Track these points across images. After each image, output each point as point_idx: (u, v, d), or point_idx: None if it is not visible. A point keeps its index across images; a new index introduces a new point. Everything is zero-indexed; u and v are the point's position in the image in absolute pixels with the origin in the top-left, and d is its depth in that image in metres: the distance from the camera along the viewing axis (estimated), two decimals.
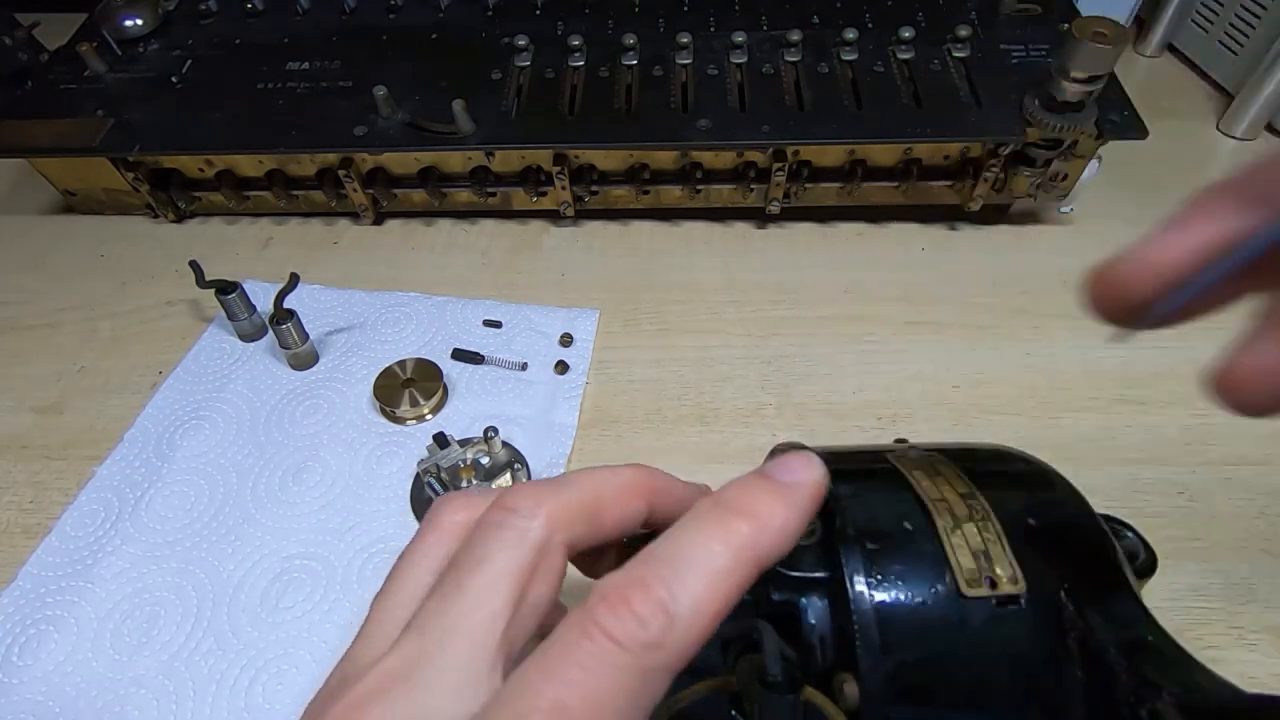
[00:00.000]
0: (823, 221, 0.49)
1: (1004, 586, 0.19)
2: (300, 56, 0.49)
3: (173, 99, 0.47)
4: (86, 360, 0.42)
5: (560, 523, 0.17)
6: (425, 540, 0.18)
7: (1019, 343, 0.41)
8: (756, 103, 0.44)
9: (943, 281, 0.45)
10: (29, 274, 0.47)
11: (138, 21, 0.50)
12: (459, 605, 0.16)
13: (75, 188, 0.49)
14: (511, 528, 0.16)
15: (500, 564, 0.16)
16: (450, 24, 0.51)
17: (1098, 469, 0.36)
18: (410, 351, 0.41)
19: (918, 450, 0.23)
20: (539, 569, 0.16)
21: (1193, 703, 0.16)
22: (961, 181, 0.45)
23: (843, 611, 0.19)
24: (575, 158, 0.45)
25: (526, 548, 0.16)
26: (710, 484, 0.36)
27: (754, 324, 0.43)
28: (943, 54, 0.45)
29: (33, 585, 0.33)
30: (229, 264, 0.47)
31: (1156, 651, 0.18)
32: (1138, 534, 0.23)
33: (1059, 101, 0.39)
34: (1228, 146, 0.53)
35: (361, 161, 0.45)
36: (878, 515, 0.20)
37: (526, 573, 0.16)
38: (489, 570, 0.16)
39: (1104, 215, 0.48)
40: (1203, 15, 0.57)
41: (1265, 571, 0.32)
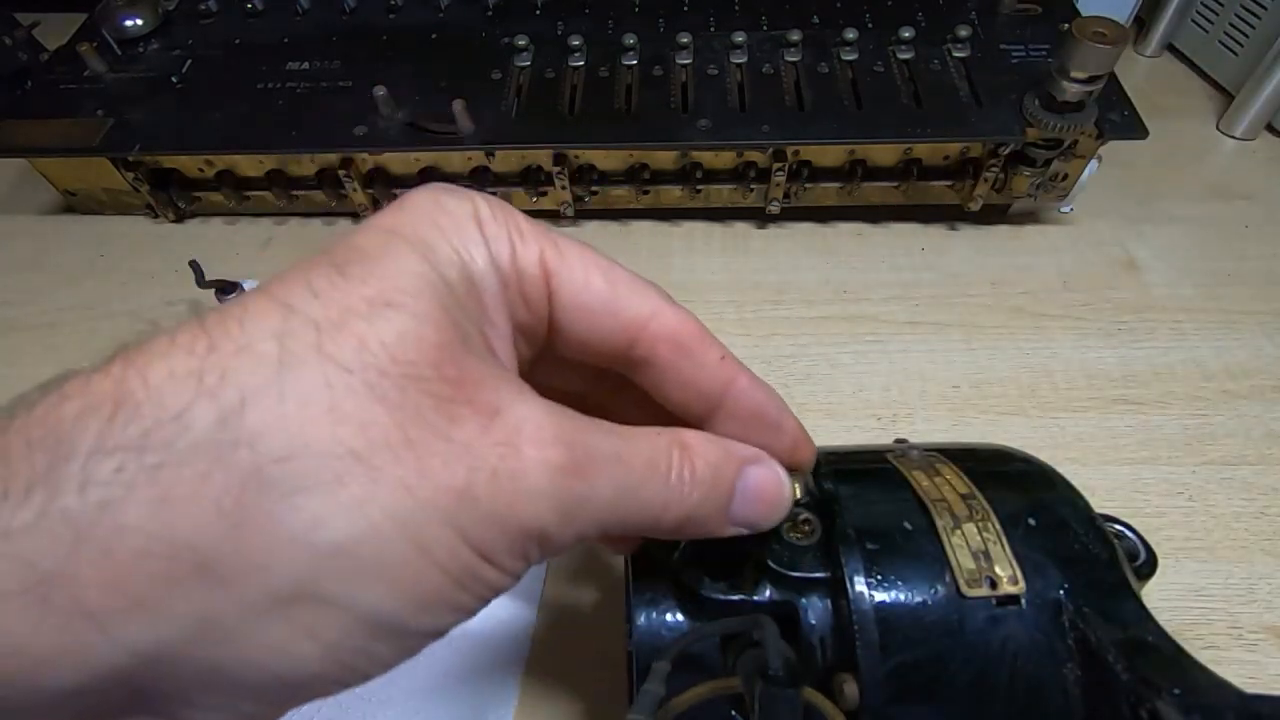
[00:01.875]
0: (823, 221, 0.49)
1: (1004, 586, 0.19)
2: (300, 56, 0.49)
3: (173, 99, 0.47)
4: (86, 360, 0.42)
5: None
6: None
7: (1019, 343, 0.41)
8: (756, 103, 0.44)
9: (942, 281, 0.45)
10: (29, 274, 0.47)
11: (138, 21, 0.50)
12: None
13: (75, 188, 0.49)
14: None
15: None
16: (450, 24, 0.50)
17: (1098, 469, 0.36)
18: None
19: (918, 450, 0.23)
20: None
21: (1193, 703, 0.16)
22: (961, 181, 0.45)
23: (843, 611, 0.19)
24: (575, 158, 0.45)
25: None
26: None
27: (754, 324, 0.43)
28: (943, 54, 0.45)
29: None
30: (229, 264, 0.47)
31: (1156, 651, 0.18)
32: (1138, 534, 0.23)
33: (1059, 101, 0.39)
34: (1228, 146, 0.53)
35: (361, 161, 0.45)
36: (878, 515, 0.20)
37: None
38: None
39: (1104, 215, 0.48)
40: (1203, 15, 0.57)
41: (1265, 571, 0.32)
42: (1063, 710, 0.18)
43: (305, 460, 0.12)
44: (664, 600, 0.21)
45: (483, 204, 0.16)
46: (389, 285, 0.14)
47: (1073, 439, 0.37)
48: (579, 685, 0.30)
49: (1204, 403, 0.38)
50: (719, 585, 0.21)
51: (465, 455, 0.13)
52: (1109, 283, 0.44)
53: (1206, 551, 0.33)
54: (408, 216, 0.16)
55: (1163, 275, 0.45)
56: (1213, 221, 0.48)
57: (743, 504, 0.18)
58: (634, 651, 0.21)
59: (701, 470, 0.17)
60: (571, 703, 0.29)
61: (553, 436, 0.14)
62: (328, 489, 0.12)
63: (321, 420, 0.12)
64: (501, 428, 0.14)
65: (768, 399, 0.19)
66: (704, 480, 0.17)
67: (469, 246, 0.16)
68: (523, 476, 0.14)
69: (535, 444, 0.14)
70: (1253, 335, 0.41)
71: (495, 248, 0.16)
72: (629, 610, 0.22)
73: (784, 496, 0.19)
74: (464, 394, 0.14)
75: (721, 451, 0.18)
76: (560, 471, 0.14)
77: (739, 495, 0.18)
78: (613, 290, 0.18)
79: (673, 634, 0.21)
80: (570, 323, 0.18)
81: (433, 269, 0.15)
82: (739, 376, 0.19)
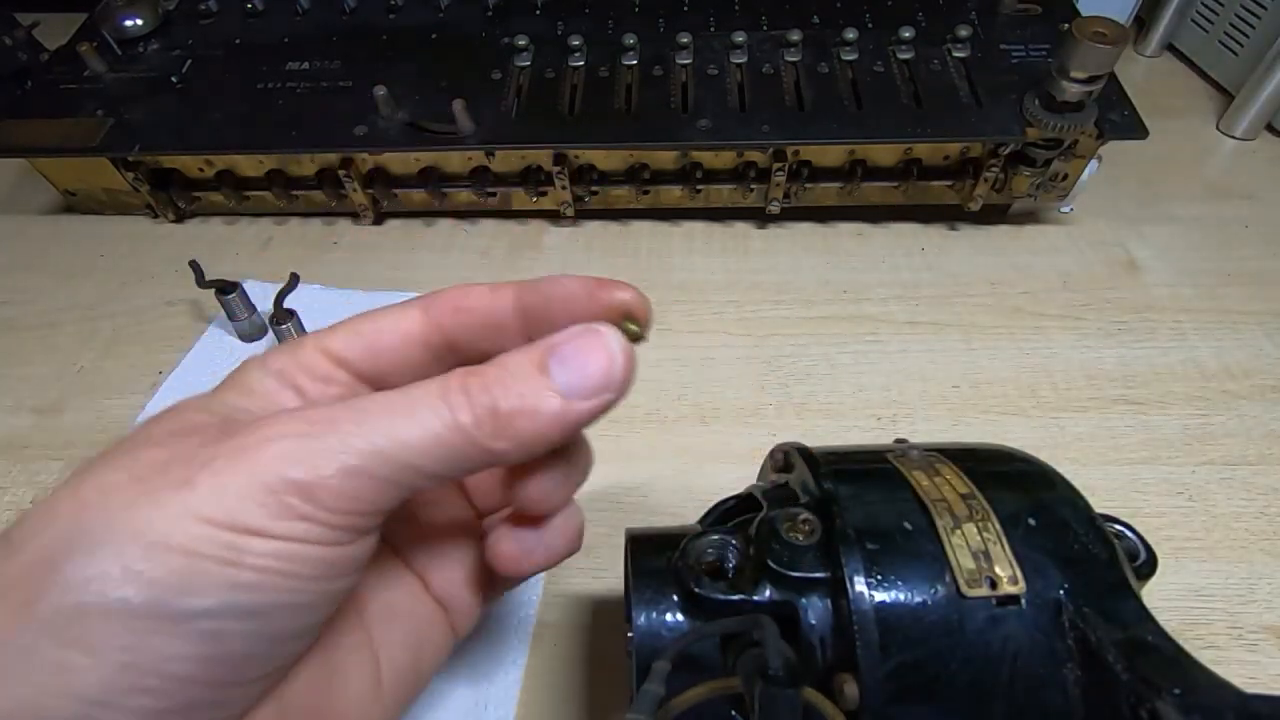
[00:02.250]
0: (823, 221, 0.49)
1: (1004, 586, 0.19)
2: (300, 56, 0.49)
3: (173, 99, 0.47)
4: (86, 360, 0.42)
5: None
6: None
7: (1019, 343, 0.41)
8: (756, 103, 0.44)
9: (942, 281, 0.45)
10: (29, 274, 0.47)
11: (138, 21, 0.50)
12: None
13: (75, 188, 0.49)
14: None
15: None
16: (450, 24, 0.51)
17: (1098, 469, 0.36)
18: None
19: (918, 450, 0.23)
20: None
21: (1193, 703, 0.16)
22: (961, 181, 0.45)
23: (843, 611, 0.19)
24: (575, 158, 0.45)
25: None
26: (708, 485, 0.36)
27: (754, 324, 0.43)
28: (943, 54, 0.45)
29: None
30: (229, 264, 0.47)
31: (1156, 651, 0.18)
32: (1138, 534, 0.23)
33: (1059, 101, 0.39)
34: (1228, 146, 0.53)
35: (361, 161, 0.46)
36: (878, 515, 0.20)
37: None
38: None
39: (1104, 215, 0.48)
40: (1203, 15, 0.57)
41: (1265, 571, 0.32)
42: (1063, 710, 0.18)
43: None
44: (664, 600, 0.21)
45: (271, 360, 0.20)
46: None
47: (1073, 439, 0.37)
48: (579, 685, 0.30)
49: (1204, 403, 0.38)
50: (719, 585, 0.21)
51: (194, 461, 0.16)
52: (1109, 283, 0.44)
53: (1206, 551, 0.33)
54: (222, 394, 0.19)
55: (1163, 275, 0.45)
56: (1213, 221, 0.48)
57: (564, 372, 0.17)
58: (634, 651, 0.21)
59: (493, 374, 0.17)
60: (571, 702, 0.29)
61: (285, 417, 0.16)
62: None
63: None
64: (239, 433, 0.16)
65: (549, 287, 0.20)
66: (498, 379, 0.17)
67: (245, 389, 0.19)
68: (247, 450, 0.16)
69: (264, 425, 0.16)
70: (1253, 335, 0.41)
71: (272, 365, 0.20)
72: (629, 610, 0.22)
73: (605, 340, 0.18)
74: (219, 435, 0.16)
75: (521, 350, 0.18)
76: (288, 435, 0.16)
77: (555, 365, 0.18)
78: (377, 324, 0.21)
79: (673, 634, 0.21)
80: (388, 355, 0.20)
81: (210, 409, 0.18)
82: (509, 291, 0.20)
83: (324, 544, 0.16)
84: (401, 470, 0.16)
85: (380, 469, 0.16)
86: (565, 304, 0.19)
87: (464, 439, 0.17)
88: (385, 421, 0.16)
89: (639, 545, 0.23)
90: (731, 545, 0.22)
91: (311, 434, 0.16)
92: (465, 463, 0.17)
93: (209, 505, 0.15)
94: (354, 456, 0.16)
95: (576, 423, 0.18)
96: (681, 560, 0.21)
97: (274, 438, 0.16)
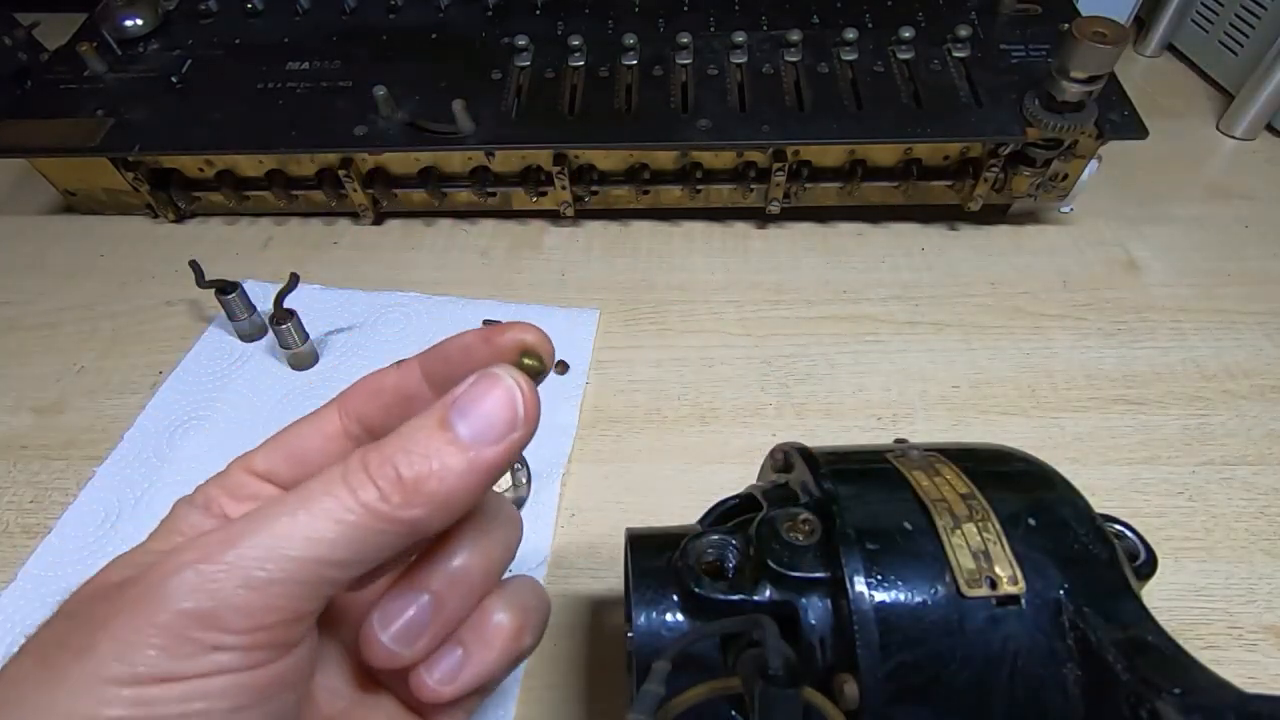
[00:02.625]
0: (823, 221, 0.49)
1: (1004, 586, 0.19)
2: (300, 56, 0.49)
3: (173, 99, 0.47)
4: (86, 360, 0.42)
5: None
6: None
7: (1019, 343, 0.41)
8: (756, 103, 0.44)
9: (942, 281, 0.45)
10: (29, 274, 0.47)
11: (138, 21, 0.50)
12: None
13: (75, 188, 0.49)
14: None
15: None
16: (450, 24, 0.51)
17: (1098, 469, 0.36)
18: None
19: (918, 450, 0.23)
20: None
21: (1193, 703, 0.16)
22: (961, 181, 0.45)
23: (843, 611, 0.19)
24: (575, 158, 0.45)
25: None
26: (708, 485, 0.36)
27: (754, 324, 0.43)
28: (943, 54, 0.45)
29: (33, 585, 0.33)
30: (229, 264, 0.47)
31: (1156, 651, 0.18)
32: (1138, 534, 0.23)
33: (1059, 101, 0.39)
34: (1228, 146, 0.53)
35: (361, 161, 0.46)
36: (878, 515, 0.20)
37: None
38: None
39: (1104, 215, 0.48)
40: (1203, 15, 0.57)
41: (1265, 571, 0.32)
42: (1063, 710, 0.18)
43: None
44: (664, 600, 0.21)
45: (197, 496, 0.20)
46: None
47: (1073, 439, 0.37)
48: (579, 685, 0.30)
49: (1204, 403, 0.38)
50: (719, 585, 0.21)
51: (93, 623, 0.15)
52: (1109, 283, 0.44)
53: (1206, 551, 0.33)
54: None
55: (1163, 275, 0.45)
56: (1213, 221, 0.48)
57: (466, 422, 0.17)
58: (634, 651, 0.21)
59: (393, 443, 0.17)
60: (571, 702, 0.29)
61: (181, 549, 0.15)
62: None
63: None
64: (139, 580, 0.15)
65: (448, 346, 0.20)
66: (398, 446, 0.16)
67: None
68: (143, 595, 0.15)
69: (160, 564, 0.15)
70: (1253, 335, 0.41)
71: (197, 498, 0.20)
72: (629, 610, 0.22)
73: (501, 380, 0.17)
74: (122, 589, 0.16)
75: (420, 415, 0.17)
76: (183, 566, 0.15)
77: (456, 418, 0.17)
78: (296, 430, 0.21)
79: (673, 634, 0.21)
80: (313, 457, 0.20)
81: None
82: (414, 362, 0.21)
83: (246, 668, 0.15)
84: (312, 568, 0.15)
85: (289, 573, 0.15)
86: (465, 358, 0.19)
87: (373, 517, 0.16)
88: (284, 522, 0.15)
89: (639, 545, 0.23)
90: (731, 545, 0.22)
91: (207, 558, 0.15)
92: (381, 542, 0.16)
93: (109, 666, 0.14)
94: (256, 567, 0.15)
95: (489, 470, 0.17)
96: (681, 560, 0.21)
97: (169, 573, 0.15)
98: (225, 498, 0.19)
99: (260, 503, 0.18)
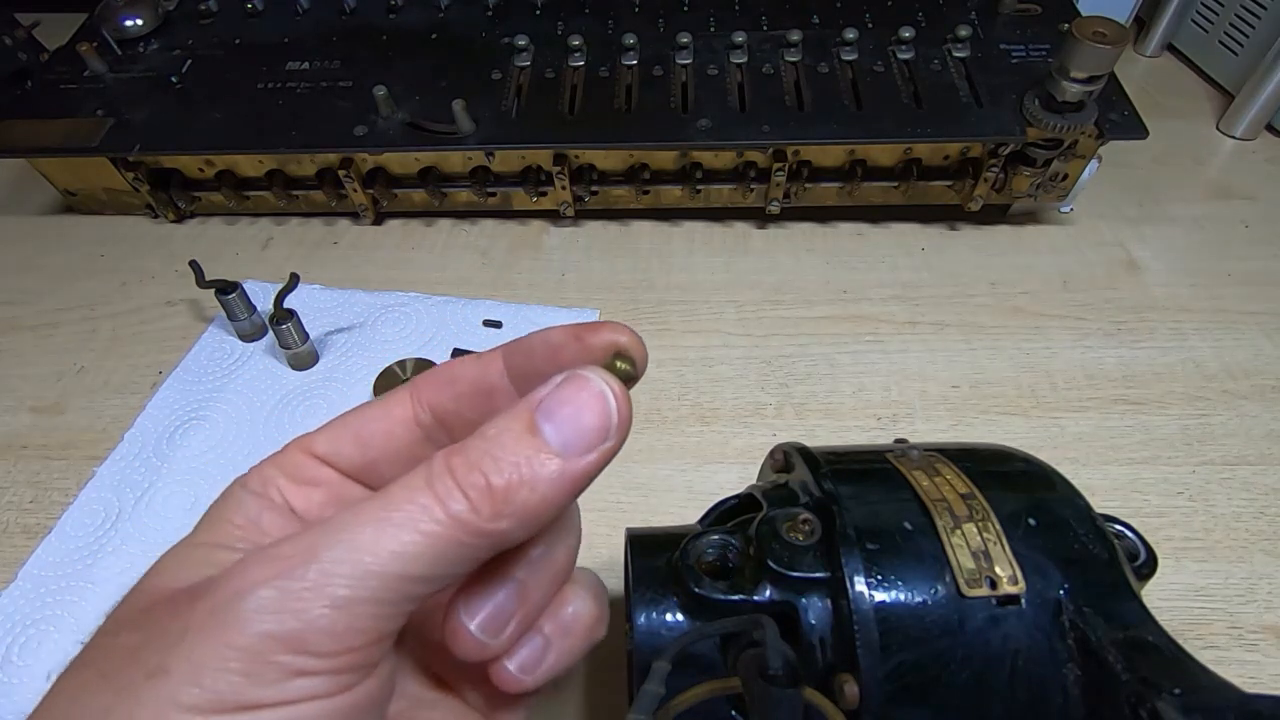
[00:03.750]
0: (823, 221, 0.49)
1: (1004, 586, 0.19)
2: (300, 56, 0.49)
3: (173, 99, 0.47)
4: (86, 360, 0.42)
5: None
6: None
7: (1019, 342, 0.41)
8: (756, 103, 0.44)
9: (942, 281, 0.45)
10: (29, 274, 0.47)
11: (138, 21, 0.50)
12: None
13: (75, 188, 0.49)
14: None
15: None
16: (450, 24, 0.51)
17: (1098, 469, 0.36)
18: (410, 351, 0.41)
19: (918, 450, 0.23)
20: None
21: (1193, 703, 0.16)
22: (961, 181, 0.45)
23: (843, 611, 0.19)
24: (575, 158, 0.45)
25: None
26: (708, 485, 0.36)
27: (754, 324, 0.43)
28: (943, 54, 0.45)
29: (33, 585, 0.33)
30: (229, 264, 0.47)
31: (1156, 651, 0.18)
32: (1138, 534, 0.23)
33: (1059, 101, 0.39)
34: (1228, 146, 0.53)
35: (361, 161, 0.46)
36: (878, 515, 0.20)
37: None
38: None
39: (1104, 215, 0.48)
40: (1203, 15, 0.57)
41: (1265, 571, 0.32)
42: (1063, 710, 0.18)
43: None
44: (664, 600, 0.21)
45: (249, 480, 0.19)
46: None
47: (1073, 439, 0.37)
48: (578, 685, 0.30)
49: (1204, 403, 0.38)
50: (719, 585, 0.21)
51: (165, 639, 0.14)
52: (1109, 283, 0.44)
53: (1206, 551, 0.33)
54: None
55: (1163, 275, 0.45)
56: (1213, 221, 0.48)
57: (554, 427, 0.15)
58: (634, 651, 0.21)
59: (478, 448, 0.15)
60: (571, 702, 0.29)
61: (254, 562, 0.14)
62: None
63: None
64: (207, 592, 0.14)
65: (534, 341, 0.18)
66: (485, 452, 0.15)
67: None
68: (217, 613, 0.14)
69: (231, 578, 0.14)
70: (1253, 335, 0.41)
71: (252, 481, 0.18)
72: (629, 610, 0.22)
73: (593, 384, 0.16)
74: (189, 600, 0.15)
75: (505, 414, 0.16)
76: (260, 583, 0.14)
77: (544, 422, 0.15)
78: (362, 415, 0.19)
79: (673, 634, 0.21)
80: (378, 442, 0.19)
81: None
82: (496, 354, 0.19)
83: (332, 694, 0.14)
84: (396, 584, 0.14)
85: (373, 591, 0.14)
86: (552, 355, 0.18)
87: (461, 529, 0.15)
88: (368, 534, 0.14)
89: (639, 545, 0.23)
90: (731, 545, 0.22)
91: (286, 574, 0.14)
92: (465, 555, 0.15)
93: (188, 692, 0.13)
94: (341, 586, 0.14)
95: (581, 481, 0.16)
96: (681, 560, 0.21)
97: (245, 591, 0.14)
98: (283, 480, 0.18)
99: (321, 490, 0.18)
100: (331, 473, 0.19)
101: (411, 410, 0.19)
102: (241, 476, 0.18)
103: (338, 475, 0.19)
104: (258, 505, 0.18)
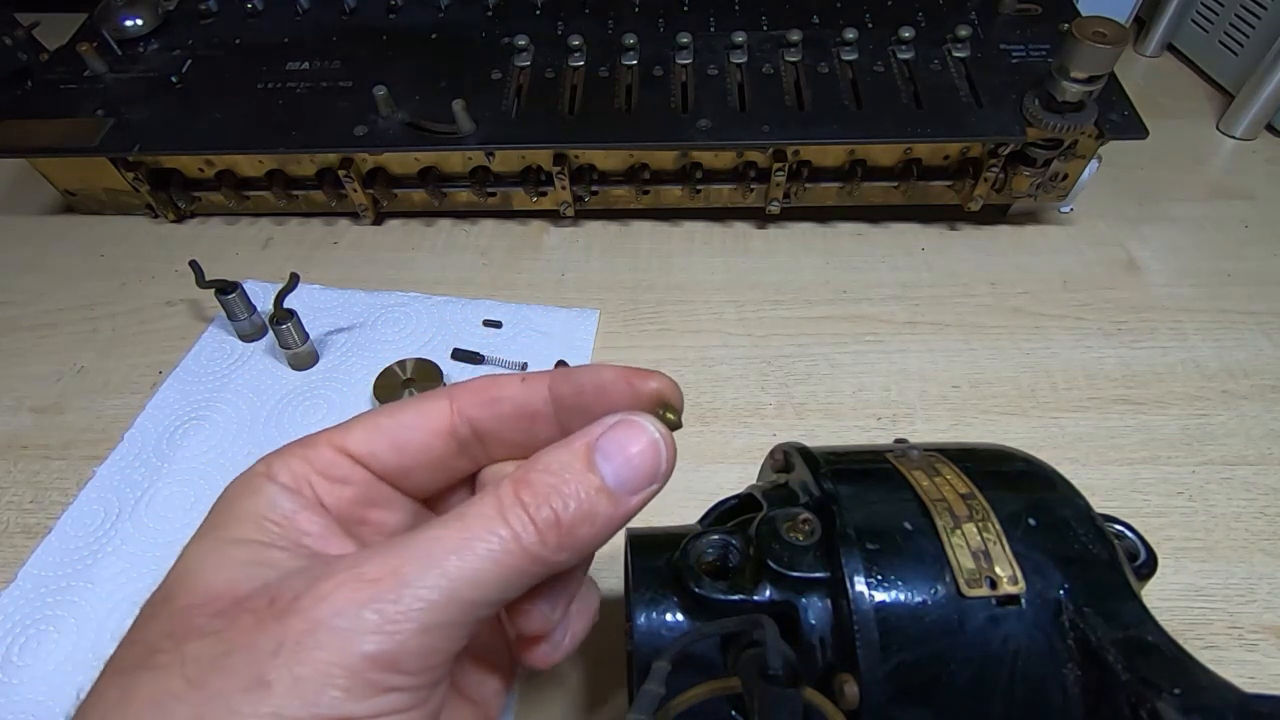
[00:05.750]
0: (823, 221, 0.49)
1: (1004, 586, 0.19)
2: (300, 56, 0.49)
3: (173, 99, 0.47)
4: (86, 360, 0.42)
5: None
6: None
7: (1019, 342, 0.41)
8: (756, 103, 0.44)
9: (942, 281, 0.45)
10: (29, 274, 0.47)
11: (138, 21, 0.50)
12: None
13: (75, 188, 0.49)
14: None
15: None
16: (450, 24, 0.51)
17: (1098, 469, 0.36)
18: (410, 351, 0.41)
19: (918, 450, 0.23)
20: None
21: (1193, 703, 0.16)
22: (961, 181, 0.45)
23: (843, 611, 0.19)
24: (575, 158, 0.45)
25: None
26: (708, 485, 0.36)
27: (754, 324, 0.43)
28: (943, 54, 0.45)
29: (33, 585, 0.33)
30: (229, 264, 0.47)
31: (1156, 651, 0.18)
32: (1138, 534, 0.23)
33: (1059, 101, 0.39)
34: (1228, 146, 0.53)
35: (361, 161, 0.46)
36: (878, 515, 0.20)
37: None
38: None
39: (1104, 215, 0.48)
40: (1203, 15, 0.57)
41: (1265, 571, 0.32)
42: (1063, 710, 0.18)
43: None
44: (664, 600, 0.21)
45: (275, 466, 0.19)
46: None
47: (1073, 439, 0.37)
48: (578, 685, 0.30)
49: (1204, 403, 0.38)
50: (719, 585, 0.21)
51: (257, 650, 0.14)
52: (1109, 283, 0.44)
53: (1206, 551, 0.33)
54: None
55: (1163, 275, 0.45)
56: (1213, 221, 0.48)
57: (611, 468, 0.17)
58: (634, 651, 0.21)
59: (545, 481, 0.16)
60: (571, 703, 0.29)
61: (347, 581, 0.15)
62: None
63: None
64: (295, 606, 0.15)
65: (583, 377, 0.19)
66: (553, 487, 0.16)
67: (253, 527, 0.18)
68: (316, 629, 0.14)
69: (325, 595, 0.15)
70: (1253, 335, 0.41)
71: (282, 477, 0.18)
72: (629, 610, 0.22)
73: (647, 430, 0.17)
74: (270, 610, 0.15)
75: (563, 449, 0.17)
76: (355, 604, 0.15)
77: (601, 461, 0.17)
78: (399, 418, 0.20)
79: (673, 634, 0.21)
80: (414, 449, 0.20)
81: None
82: (542, 381, 0.20)
83: (410, 709, 0.15)
84: (472, 609, 0.15)
85: (453, 616, 0.15)
86: (601, 394, 0.19)
87: (528, 559, 0.16)
88: (453, 563, 0.15)
89: (639, 545, 0.23)
90: (731, 545, 0.22)
91: (380, 596, 0.15)
92: (527, 581, 0.16)
93: (291, 705, 0.14)
94: (429, 611, 0.15)
95: (627, 519, 0.17)
96: (681, 560, 0.21)
97: (342, 609, 0.15)
98: (316, 477, 0.18)
99: (351, 489, 0.19)
100: (364, 473, 0.19)
101: (450, 423, 0.20)
102: (262, 467, 0.18)
103: (370, 476, 0.19)
104: (292, 502, 0.18)
